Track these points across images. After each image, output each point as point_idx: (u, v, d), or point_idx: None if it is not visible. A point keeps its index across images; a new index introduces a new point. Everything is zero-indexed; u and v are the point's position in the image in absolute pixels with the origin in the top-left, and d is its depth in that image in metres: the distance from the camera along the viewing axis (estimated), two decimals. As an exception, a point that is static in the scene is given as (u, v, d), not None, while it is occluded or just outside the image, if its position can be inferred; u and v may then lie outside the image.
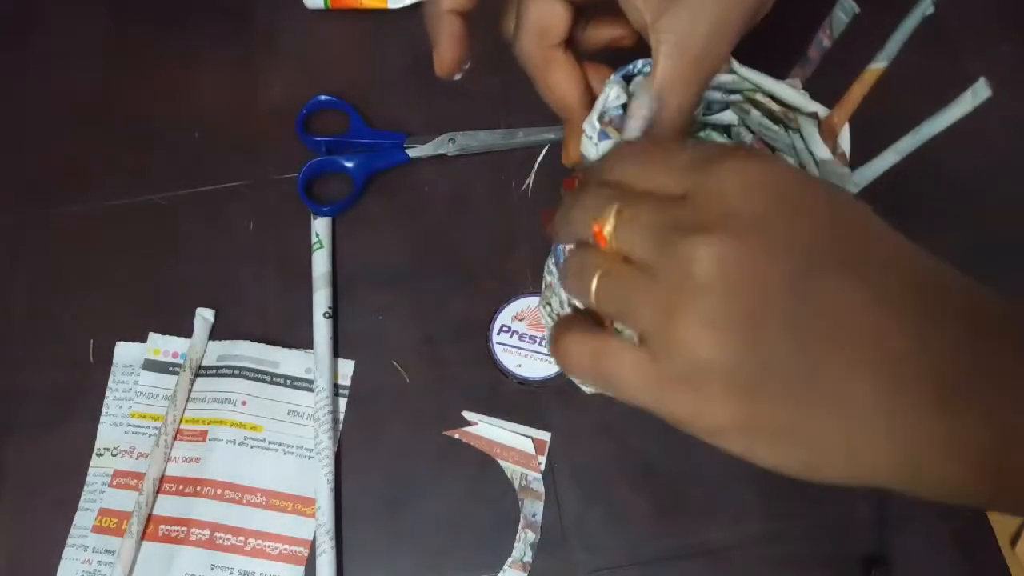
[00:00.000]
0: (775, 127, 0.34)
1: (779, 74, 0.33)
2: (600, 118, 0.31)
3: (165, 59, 0.59)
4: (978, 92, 0.27)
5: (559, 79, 0.32)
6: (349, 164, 0.55)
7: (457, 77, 0.34)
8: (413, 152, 0.55)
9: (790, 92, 0.32)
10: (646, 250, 0.24)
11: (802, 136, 0.33)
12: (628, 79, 0.32)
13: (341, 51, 0.59)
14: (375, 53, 0.59)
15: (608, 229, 0.25)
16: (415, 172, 0.56)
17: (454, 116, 0.56)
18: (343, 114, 0.57)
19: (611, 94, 0.31)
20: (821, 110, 0.32)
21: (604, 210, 0.25)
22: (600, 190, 0.26)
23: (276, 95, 0.58)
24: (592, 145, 0.31)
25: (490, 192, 0.55)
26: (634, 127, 0.30)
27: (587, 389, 0.47)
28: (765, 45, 0.33)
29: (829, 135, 0.31)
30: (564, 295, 0.40)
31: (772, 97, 0.33)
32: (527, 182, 0.55)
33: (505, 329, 0.50)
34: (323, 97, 0.57)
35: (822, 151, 0.31)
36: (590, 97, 0.33)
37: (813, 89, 0.33)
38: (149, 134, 0.57)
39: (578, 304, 0.38)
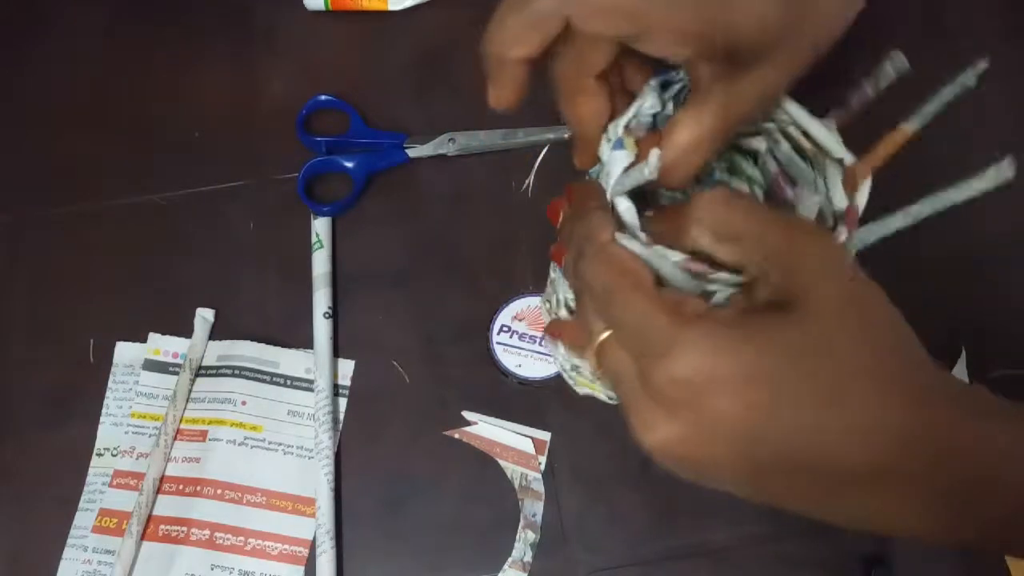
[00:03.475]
0: (802, 163, 0.33)
1: (816, 112, 0.33)
2: (627, 124, 0.31)
3: (165, 59, 0.59)
4: (1002, 171, 0.27)
5: (584, 105, 0.32)
6: (349, 164, 0.55)
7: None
8: (413, 152, 0.55)
9: (824, 132, 0.31)
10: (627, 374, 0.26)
11: (825, 180, 0.32)
12: (666, 86, 0.32)
13: (341, 51, 0.59)
14: (375, 53, 0.59)
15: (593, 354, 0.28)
16: (415, 172, 0.56)
17: (454, 116, 0.56)
18: (343, 114, 0.57)
19: (646, 103, 0.31)
20: (848, 157, 0.31)
21: (593, 335, 0.27)
22: (589, 309, 0.28)
23: (276, 95, 0.58)
24: (607, 147, 0.31)
25: (490, 192, 0.55)
26: (625, 184, 0.29)
27: (579, 390, 0.47)
28: (808, 82, 0.33)
29: (850, 185, 0.31)
30: (562, 294, 0.40)
31: (805, 134, 0.32)
32: (527, 182, 0.55)
33: (505, 329, 0.50)
34: (323, 97, 0.57)
35: (840, 200, 0.31)
36: (609, 120, 0.32)
37: (843, 133, 0.32)
38: (149, 134, 0.57)
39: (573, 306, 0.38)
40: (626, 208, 0.29)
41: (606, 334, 0.27)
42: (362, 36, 0.59)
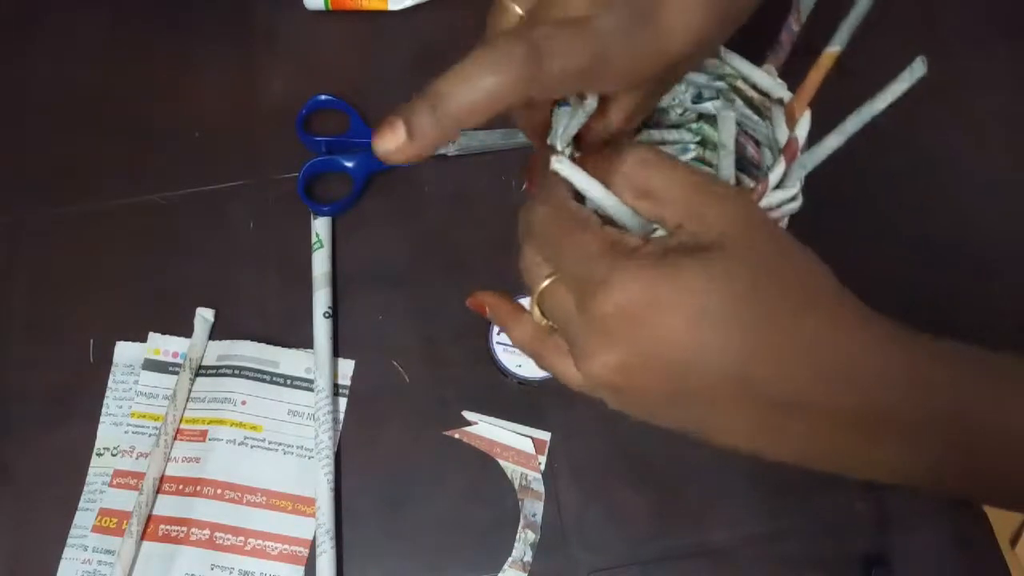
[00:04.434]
0: (755, 117, 0.34)
1: (757, 61, 0.33)
2: None
3: (165, 59, 0.59)
4: (915, 70, 0.27)
5: (537, 116, 0.32)
6: (349, 164, 0.55)
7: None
8: (413, 152, 0.55)
9: (764, 78, 0.33)
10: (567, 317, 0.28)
11: (771, 122, 0.33)
12: None
13: (341, 51, 0.59)
14: (375, 53, 0.59)
15: (536, 297, 0.29)
16: (415, 172, 0.56)
17: (454, 116, 0.56)
18: (343, 114, 0.57)
19: None
20: (787, 95, 0.32)
21: (536, 282, 0.29)
22: (532, 258, 0.30)
23: (276, 95, 0.58)
24: (556, 109, 0.31)
25: (490, 192, 0.55)
26: (571, 128, 0.30)
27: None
28: (745, 32, 0.33)
29: (790, 121, 0.32)
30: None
31: (751, 85, 0.33)
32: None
33: (505, 329, 0.50)
34: (323, 97, 0.57)
35: (783, 136, 0.32)
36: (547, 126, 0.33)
37: (791, 78, 0.33)
38: (149, 134, 0.57)
39: None
40: (570, 154, 0.30)
41: (548, 280, 0.28)
42: (362, 36, 0.59)
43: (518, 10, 0.29)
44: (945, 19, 0.58)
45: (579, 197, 0.29)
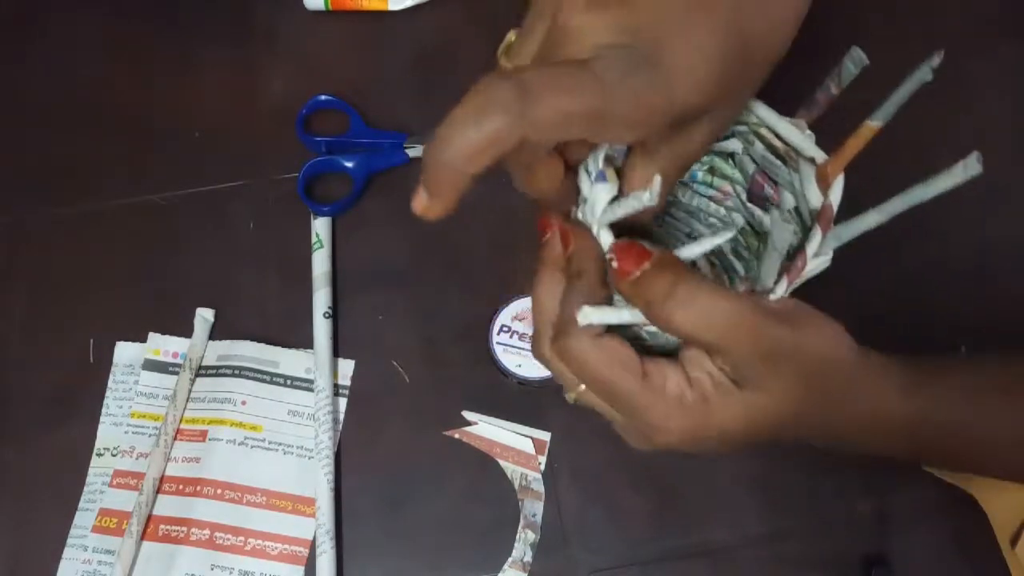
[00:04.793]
0: (777, 161, 0.34)
1: (783, 112, 0.33)
2: (607, 155, 0.31)
3: (165, 59, 0.59)
4: (969, 166, 0.27)
5: (541, 176, 0.31)
6: (349, 164, 0.55)
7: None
8: (413, 152, 0.55)
9: (794, 132, 0.32)
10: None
11: (799, 177, 0.32)
12: None
13: (341, 51, 0.59)
14: (375, 53, 0.59)
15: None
16: (415, 172, 0.55)
17: (454, 116, 0.56)
18: (343, 114, 0.57)
19: None
20: (819, 156, 0.31)
21: (569, 387, 0.32)
22: (565, 373, 0.31)
23: (276, 95, 0.58)
24: (587, 182, 0.31)
25: (490, 192, 0.55)
26: (617, 214, 0.30)
27: (568, 396, 0.47)
28: (772, 83, 0.33)
29: (823, 183, 0.31)
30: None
31: (776, 134, 0.33)
32: (527, 182, 0.55)
33: (505, 329, 0.50)
34: (323, 97, 0.57)
35: (815, 198, 0.31)
36: (566, 188, 0.31)
37: (818, 131, 0.32)
38: (149, 134, 0.57)
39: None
40: (607, 242, 0.30)
41: (583, 386, 0.31)
42: (362, 36, 0.59)
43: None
44: (946, 19, 0.58)
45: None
